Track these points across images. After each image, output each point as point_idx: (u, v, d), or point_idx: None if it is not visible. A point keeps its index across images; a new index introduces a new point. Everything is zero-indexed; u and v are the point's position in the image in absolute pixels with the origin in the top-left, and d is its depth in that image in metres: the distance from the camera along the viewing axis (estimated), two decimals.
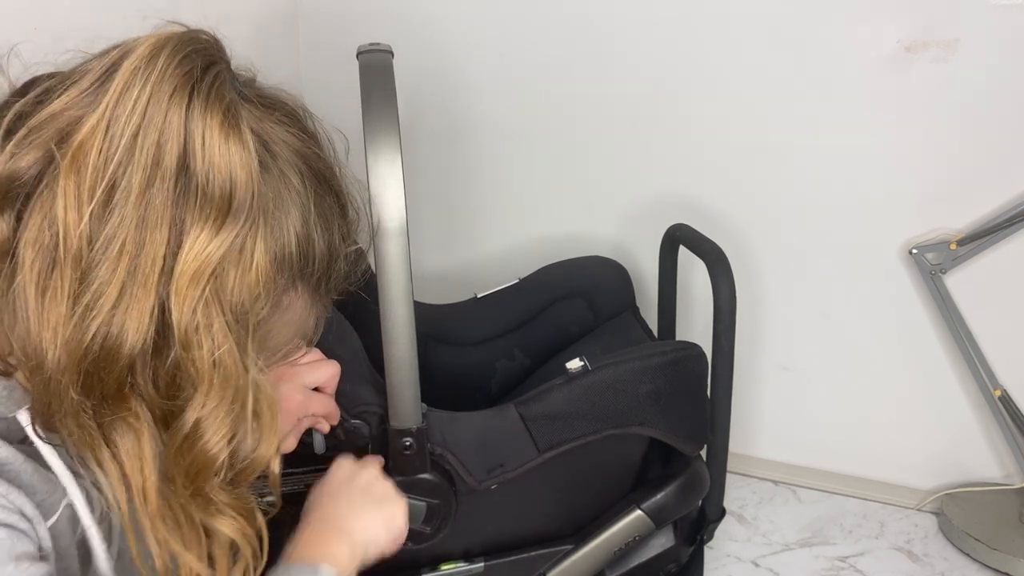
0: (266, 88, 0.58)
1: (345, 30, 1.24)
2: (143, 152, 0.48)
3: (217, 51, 0.54)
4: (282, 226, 0.54)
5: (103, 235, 0.47)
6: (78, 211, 0.47)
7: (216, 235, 0.49)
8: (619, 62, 1.13)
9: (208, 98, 0.50)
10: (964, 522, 1.11)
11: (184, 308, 0.48)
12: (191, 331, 0.49)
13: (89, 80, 0.50)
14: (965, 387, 1.13)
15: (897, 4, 0.99)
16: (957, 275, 1.07)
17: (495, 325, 1.09)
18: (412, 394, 0.74)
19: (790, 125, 1.09)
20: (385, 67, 0.71)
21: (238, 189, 0.50)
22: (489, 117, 1.22)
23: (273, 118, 0.55)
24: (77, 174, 0.47)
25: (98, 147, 0.47)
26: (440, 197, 1.29)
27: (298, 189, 0.55)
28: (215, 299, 0.50)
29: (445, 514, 0.79)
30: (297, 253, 0.55)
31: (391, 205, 0.67)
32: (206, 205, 0.49)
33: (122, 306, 0.48)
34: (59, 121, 0.49)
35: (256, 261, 0.51)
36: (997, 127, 1.01)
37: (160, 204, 0.48)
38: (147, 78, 0.48)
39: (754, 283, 1.16)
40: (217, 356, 0.50)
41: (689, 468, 0.89)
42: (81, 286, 0.47)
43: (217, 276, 0.49)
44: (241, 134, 0.50)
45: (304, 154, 0.56)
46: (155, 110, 0.48)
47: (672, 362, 0.84)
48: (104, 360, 0.48)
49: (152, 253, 0.48)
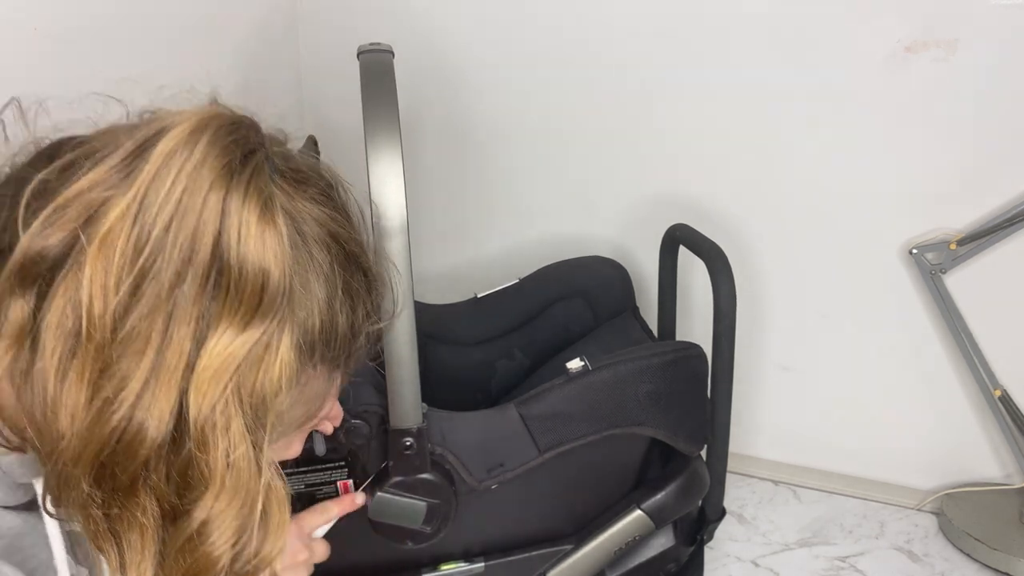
0: (299, 160, 0.55)
1: (345, 30, 1.24)
2: (176, 245, 0.45)
3: (257, 137, 0.51)
4: (308, 311, 0.51)
5: (128, 326, 0.45)
6: (104, 300, 0.45)
7: (243, 332, 0.47)
8: (619, 62, 1.13)
9: (247, 192, 0.47)
10: (964, 522, 1.11)
11: (202, 406, 0.46)
12: (208, 430, 0.47)
13: (119, 157, 0.47)
14: (965, 387, 1.13)
15: (897, 4, 1.00)
16: (957, 275, 1.07)
17: (495, 325, 1.09)
18: (412, 394, 0.74)
19: (790, 125, 1.09)
20: (385, 67, 0.71)
21: (270, 286, 0.47)
22: (489, 117, 1.22)
23: (306, 195, 0.53)
24: (105, 260, 0.45)
25: (127, 234, 0.45)
26: (440, 197, 1.29)
27: (326, 271, 0.53)
28: (235, 397, 0.47)
29: (445, 514, 0.79)
30: (320, 335, 0.53)
31: (391, 204, 0.67)
32: (236, 301, 0.47)
33: (144, 401, 0.46)
34: (86, 200, 0.46)
35: (281, 357, 0.49)
36: (997, 127, 1.01)
37: (190, 298, 0.46)
38: (183, 166, 0.46)
39: (754, 283, 1.16)
40: (232, 458, 0.48)
41: (689, 468, 0.89)
42: (102, 376, 0.46)
43: (240, 374, 0.47)
44: (277, 228, 0.48)
45: (335, 233, 0.54)
46: (191, 201, 0.46)
47: (672, 362, 0.84)
48: (121, 454, 0.47)
49: (178, 348, 0.46)
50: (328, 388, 0.59)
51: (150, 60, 0.97)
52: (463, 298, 1.10)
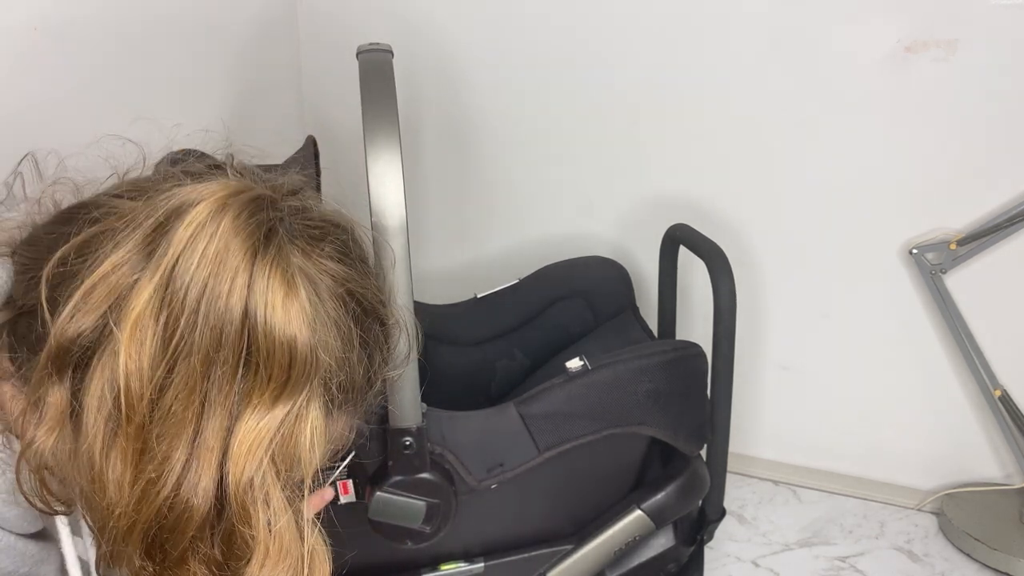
0: (315, 212, 0.56)
1: (345, 30, 1.24)
2: (206, 328, 0.46)
3: (275, 212, 0.51)
4: (328, 368, 0.52)
5: (165, 406, 0.46)
6: (140, 382, 0.46)
7: (273, 407, 0.48)
8: (619, 62, 1.13)
9: (271, 271, 0.48)
10: (964, 522, 1.10)
11: (240, 479, 0.47)
12: (248, 502, 0.48)
13: (139, 237, 0.48)
14: (965, 387, 1.13)
15: (897, 4, 0.99)
16: (957, 275, 1.07)
17: (495, 325, 1.09)
18: (412, 393, 0.74)
19: (790, 125, 1.09)
20: (385, 67, 0.71)
21: (297, 360, 0.48)
22: (489, 117, 1.22)
23: (323, 253, 0.53)
24: (137, 344, 0.46)
25: (156, 317, 0.46)
26: (440, 197, 1.29)
27: (343, 328, 0.53)
28: (272, 469, 0.49)
29: (445, 514, 0.79)
30: (340, 388, 0.53)
31: (391, 204, 0.67)
32: (266, 378, 0.48)
33: (188, 479, 0.47)
34: (111, 283, 0.47)
35: (311, 423, 0.50)
36: (997, 127, 1.01)
37: (223, 379, 0.47)
38: (206, 248, 0.46)
39: (754, 283, 1.16)
40: (275, 529, 0.49)
41: (689, 468, 0.89)
42: (144, 456, 0.47)
43: (274, 446, 0.49)
44: (300, 302, 0.49)
45: (352, 289, 0.55)
46: (217, 285, 0.46)
47: (672, 361, 0.84)
48: (170, 530, 0.48)
49: (215, 427, 0.47)
50: (346, 431, 0.60)
51: (150, 60, 0.97)
52: (463, 298, 1.10)
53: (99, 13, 0.88)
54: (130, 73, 0.94)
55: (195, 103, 1.06)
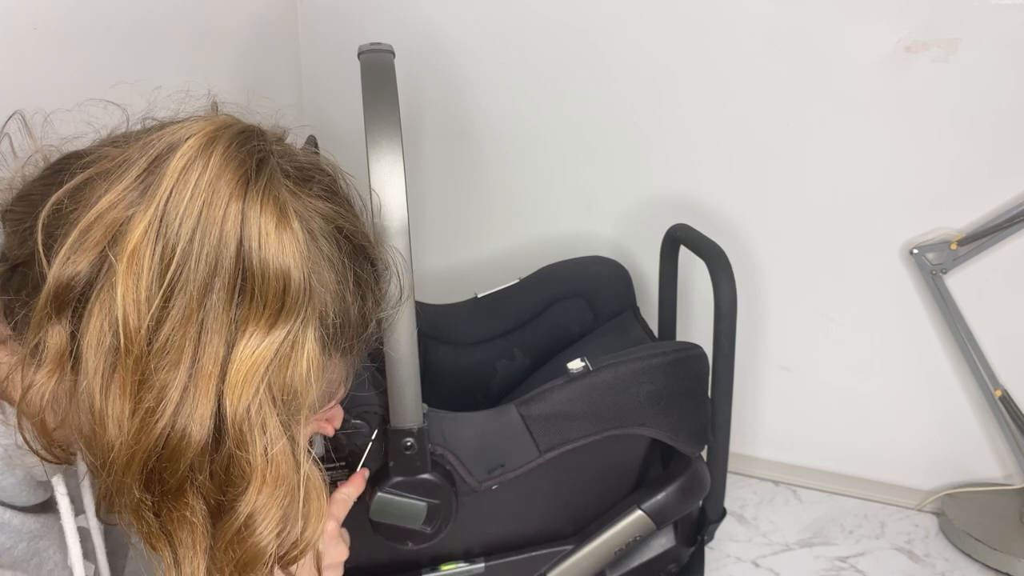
0: (300, 156, 0.57)
1: (345, 30, 1.24)
2: (201, 256, 0.47)
3: (266, 143, 0.52)
4: (324, 304, 0.53)
5: (163, 337, 0.47)
6: (137, 314, 0.47)
7: (269, 333, 0.49)
8: (619, 62, 1.13)
9: (263, 200, 0.49)
10: (965, 522, 1.11)
11: (238, 406, 0.48)
12: (245, 429, 0.49)
13: (134, 174, 0.49)
14: (965, 387, 1.13)
15: (897, 4, 0.99)
16: (957, 275, 1.07)
17: (495, 325, 1.09)
18: (413, 394, 0.74)
19: (790, 125, 1.09)
20: (386, 67, 0.71)
21: (291, 287, 0.49)
22: (490, 117, 1.22)
23: (312, 192, 0.55)
24: (134, 276, 0.47)
25: (153, 249, 0.47)
26: (441, 197, 1.29)
27: (337, 264, 0.55)
28: (268, 396, 0.50)
29: (446, 514, 0.79)
30: (335, 325, 0.55)
31: (393, 205, 0.67)
32: (261, 305, 0.49)
33: (185, 407, 0.48)
34: (107, 221, 0.48)
35: (307, 352, 0.51)
36: (997, 127, 1.01)
37: (219, 306, 0.48)
38: (199, 179, 0.47)
39: (754, 283, 1.16)
40: (271, 454, 0.50)
41: (690, 468, 0.89)
42: (143, 387, 0.47)
43: (270, 373, 0.49)
44: (293, 230, 0.50)
45: (341, 227, 0.56)
46: (211, 214, 0.47)
47: (673, 362, 0.84)
48: (168, 459, 0.48)
49: (212, 354, 0.48)
50: (343, 374, 0.61)
51: (150, 60, 0.97)
52: (463, 298, 1.10)
53: (98, 13, 0.88)
54: (130, 73, 0.93)
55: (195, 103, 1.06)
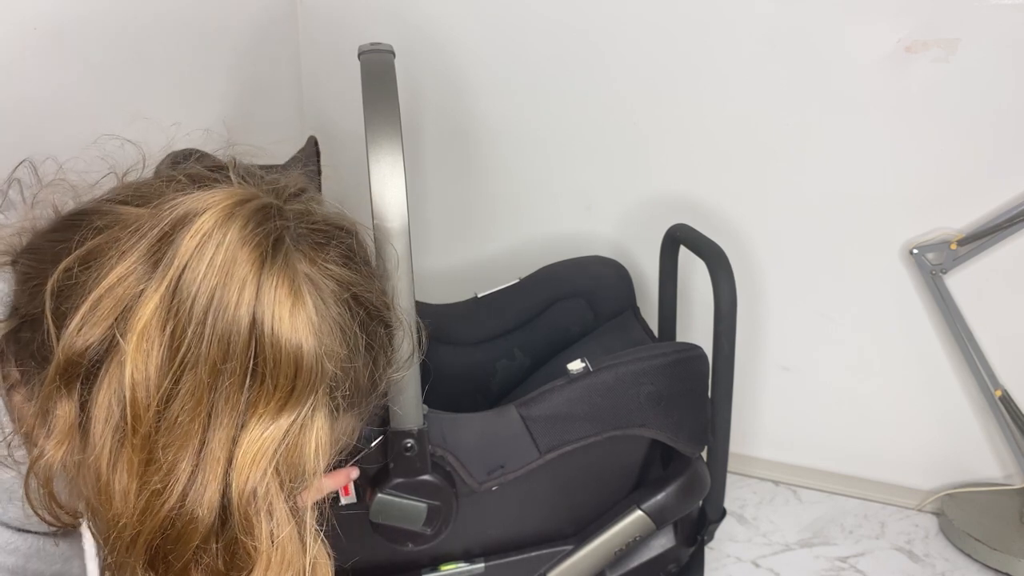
0: (319, 215, 0.55)
1: (345, 30, 1.24)
2: (213, 337, 0.46)
3: (281, 220, 0.51)
4: (336, 378, 0.52)
5: (171, 417, 0.46)
6: (146, 392, 0.46)
7: (278, 417, 0.48)
8: (619, 62, 1.13)
9: (278, 281, 0.48)
10: (964, 522, 1.11)
11: (244, 491, 0.47)
12: (251, 513, 0.48)
13: (145, 247, 0.47)
14: (965, 387, 1.13)
15: (897, 4, 0.99)
16: (957, 275, 1.07)
17: (495, 325, 1.09)
18: (413, 395, 0.74)
19: (790, 125, 1.09)
20: (386, 67, 0.71)
21: (303, 370, 0.48)
22: (490, 117, 1.22)
23: (328, 257, 0.53)
24: (144, 354, 0.46)
25: (163, 327, 0.46)
26: (441, 197, 1.29)
27: (348, 332, 0.53)
28: (275, 479, 0.48)
29: (446, 515, 0.79)
30: (344, 393, 0.53)
31: (393, 205, 0.66)
32: (272, 388, 0.48)
33: (193, 490, 0.47)
34: (118, 294, 0.47)
35: (316, 432, 0.50)
36: (997, 127, 1.01)
37: (229, 389, 0.47)
38: (213, 258, 0.46)
39: (754, 283, 1.16)
40: (277, 539, 0.49)
41: (690, 468, 0.89)
42: (149, 466, 0.46)
43: (278, 456, 0.48)
44: (306, 310, 0.49)
45: (357, 294, 0.55)
46: (224, 295, 0.46)
47: (673, 363, 0.84)
48: (174, 541, 0.47)
49: (221, 437, 0.47)
50: (353, 428, 0.60)
51: (150, 60, 0.97)
52: (463, 298, 1.10)
53: (99, 13, 0.88)
54: (130, 73, 0.94)
55: (195, 103, 1.06)
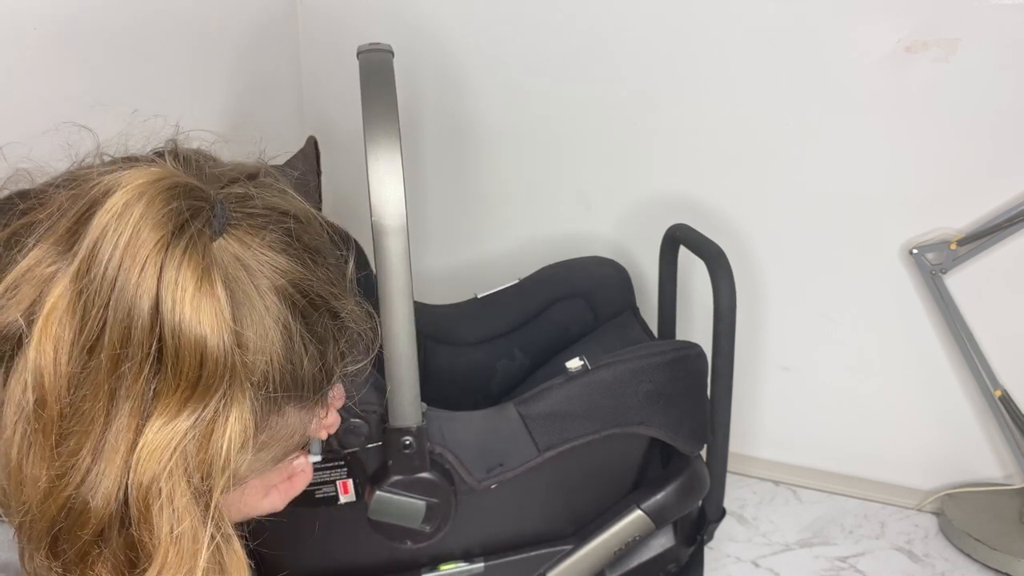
0: (263, 197, 0.53)
1: (345, 30, 1.24)
2: (116, 322, 0.45)
3: (199, 199, 0.49)
4: (265, 365, 0.50)
5: (76, 402, 0.45)
6: (54, 375, 0.45)
7: (182, 411, 0.46)
8: (619, 62, 1.13)
9: (181, 264, 0.46)
10: (964, 522, 1.10)
11: (141, 483, 0.46)
12: (149, 506, 0.46)
13: (62, 229, 0.46)
14: (965, 387, 1.13)
15: (897, 4, 0.99)
16: (957, 275, 1.07)
17: (495, 325, 1.09)
18: (412, 393, 0.74)
19: (790, 125, 1.09)
20: (385, 67, 0.71)
21: (208, 361, 0.46)
22: (489, 117, 1.22)
23: (264, 242, 0.51)
24: (53, 338, 0.45)
25: (71, 310, 0.45)
26: (440, 197, 1.29)
27: (283, 319, 0.51)
28: (180, 473, 0.47)
29: (445, 513, 0.79)
30: (282, 385, 0.51)
31: (391, 204, 0.67)
32: (175, 379, 0.46)
33: (91, 478, 0.46)
34: (32, 278, 0.46)
35: (230, 427, 0.48)
36: (997, 127, 1.01)
37: (130, 377, 0.45)
38: (118, 239, 0.45)
39: (754, 283, 1.16)
40: (176, 533, 0.47)
41: (689, 468, 0.89)
42: (54, 452, 0.46)
43: (182, 450, 0.46)
44: (215, 297, 0.47)
45: (295, 280, 0.52)
46: (127, 277, 0.45)
47: (672, 361, 0.84)
48: (68, 529, 0.47)
49: (121, 427, 0.46)
50: (305, 422, 0.58)
51: (150, 60, 0.97)
52: (463, 298, 1.10)
53: (98, 13, 0.88)
54: (130, 73, 0.94)
55: (195, 103, 1.06)
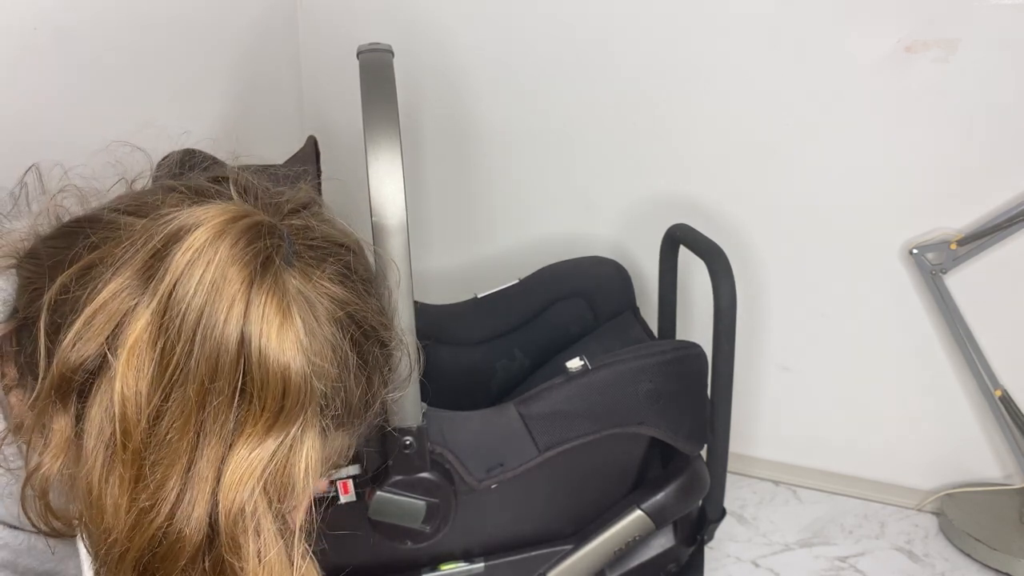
0: (321, 229, 0.55)
1: (345, 30, 1.24)
2: (202, 355, 0.46)
3: (274, 239, 0.50)
4: (326, 397, 0.52)
5: (160, 434, 0.46)
6: (136, 407, 0.46)
7: (267, 437, 0.48)
8: (619, 62, 1.13)
9: (267, 300, 0.47)
10: (964, 522, 1.10)
11: (232, 509, 0.47)
12: (238, 534, 0.48)
13: (139, 263, 0.48)
14: (965, 387, 1.13)
15: (897, 4, 0.99)
16: (957, 275, 1.07)
17: (495, 325, 1.09)
18: (412, 393, 0.74)
19: (790, 125, 1.09)
20: (385, 66, 0.71)
21: (291, 389, 0.48)
22: (489, 116, 1.22)
23: (324, 275, 0.53)
24: (134, 370, 0.46)
25: (153, 343, 0.46)
26: (440, 197, 1.29)
27: (341, 350, 0.53)
28: (264, 499, 0.48)
29: (445, 513, 0.79)
30: (335, 412, 0.53)
31: (391, 203, 0.67)
32: (259, 407, 0.47)
33: (181, 508, 0.47)
34: (111, 310, 0.47)
35: (306, 452, 0.50)
36: (997, 127, 1.01)
37: (218, 407, 0.47)
38: (203, 275, 0.46)
39: (754, 283, 1.16)
40: (265, 559, 0.49)
41: (689, 468, 0.89)
42: (139, 483, 0.47)
43: (267, 476, 0.48)
44: (295, 330, 0.48)
45: (352, 313, 0.54)
46: (213, 313, 0.46)
47: (672, 361, 0.84)
48: (162, 559, 0.47)
49: (209, 456, 0.47)
50: (345, 446, 0.60)
51: (150, 60, 0.97)
52: (463, 298, 1.10)
53: (99, 14, 0.88)
54: (130, 74, 0.94)
55: (195, 103, 1.06)
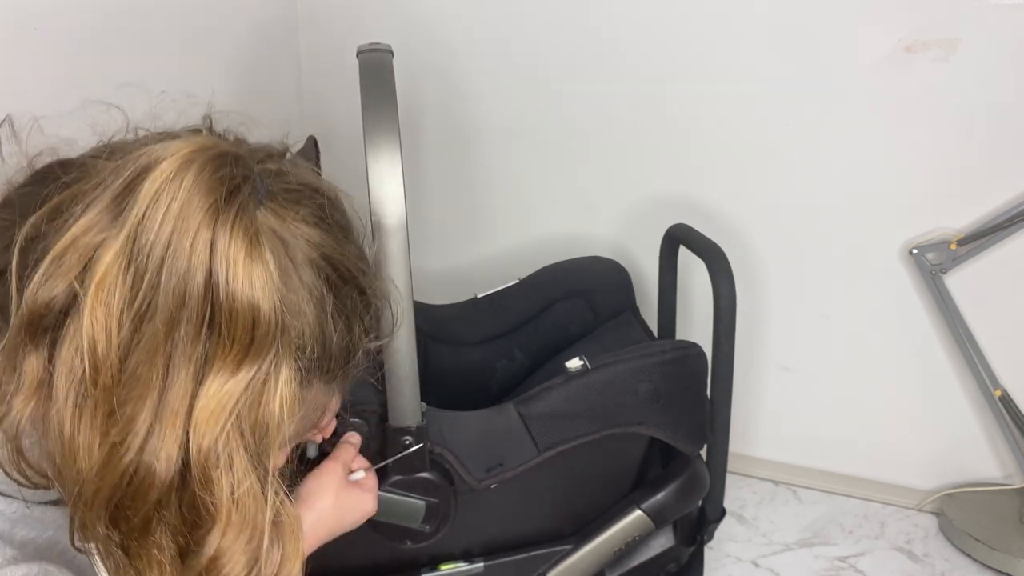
0: (296, 176, 0.55)
1: (345, 30, 1.24)
2: (169, 287, 0.46)
3: (242, 170, 0.50)
4: (300, 334, 0.51)
5: (131, 368, 0.46)
6: (106, 343, 0.45)
7: (237, 371, 0.47)
8: (619, 62, 1.13)
9: (233, 229, 0.47)
10: (964, 522, 1.10)
11: (202, 446, 0.47)
12: (210, 468, 0.47)
13: (108, 198, 0.47)
14: (965, 387, 1.13)
15: (897, 4, 1.00)
16: (957, 275, 1.07)
17: (495, 325, 1.09)
18: (412, 392, 0.74)
19: (790, 125, 1.09)
20: (385, 66, 0.71)
21: (260, 322, 0.48)
22: (489, 117, 1.22)
23: (299, 216, 0.53)
24: (104, 305, 0.45)
25: (122, 277, 0.46)
26: (440, 197, 1.29)
27: (317, 293, 0.53)
28: (236, 434, 0.48)
29: (444, 513, 0.79)
30: (313, 356, 0.53)
31: (391, 203, 0.67)
32: (229, 340, 0.47)
33: (151, 443, 0.46)
34: (81, 246, 0.46)
35: (280, 389, 0.49)
36: (997, 127, 1.01)
37: (186, 339, 0.46)
38: (169, 206, 0.46)
39: (754, 283, 1.16)
40: (237, 494, 0.48)
41: (689, 468, 0.89)
42: (110, 419, 0.46)
43: (238, 411, 0.48)
44: (264, 263, 0.48)
45: (327, 254, 0.54)
46: (180, 243, 0.46)
47: (671, 361, 0.84)
48: (132, 496, 0.47)
49: (178, 390, 0.46)
50: (327, 399, 0.59)
51: (150, 60, 0.97)
52: (463, 298, 1.10)
53: (98, 14, 0.88)
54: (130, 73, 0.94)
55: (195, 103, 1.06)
